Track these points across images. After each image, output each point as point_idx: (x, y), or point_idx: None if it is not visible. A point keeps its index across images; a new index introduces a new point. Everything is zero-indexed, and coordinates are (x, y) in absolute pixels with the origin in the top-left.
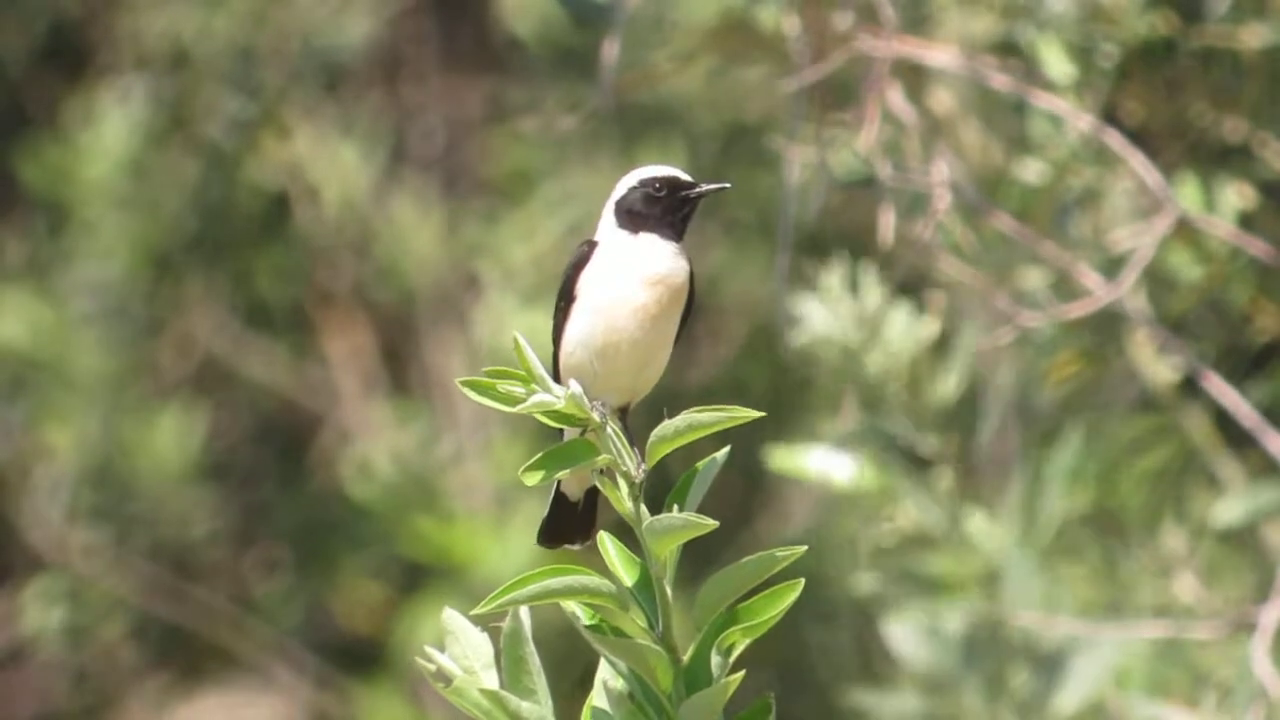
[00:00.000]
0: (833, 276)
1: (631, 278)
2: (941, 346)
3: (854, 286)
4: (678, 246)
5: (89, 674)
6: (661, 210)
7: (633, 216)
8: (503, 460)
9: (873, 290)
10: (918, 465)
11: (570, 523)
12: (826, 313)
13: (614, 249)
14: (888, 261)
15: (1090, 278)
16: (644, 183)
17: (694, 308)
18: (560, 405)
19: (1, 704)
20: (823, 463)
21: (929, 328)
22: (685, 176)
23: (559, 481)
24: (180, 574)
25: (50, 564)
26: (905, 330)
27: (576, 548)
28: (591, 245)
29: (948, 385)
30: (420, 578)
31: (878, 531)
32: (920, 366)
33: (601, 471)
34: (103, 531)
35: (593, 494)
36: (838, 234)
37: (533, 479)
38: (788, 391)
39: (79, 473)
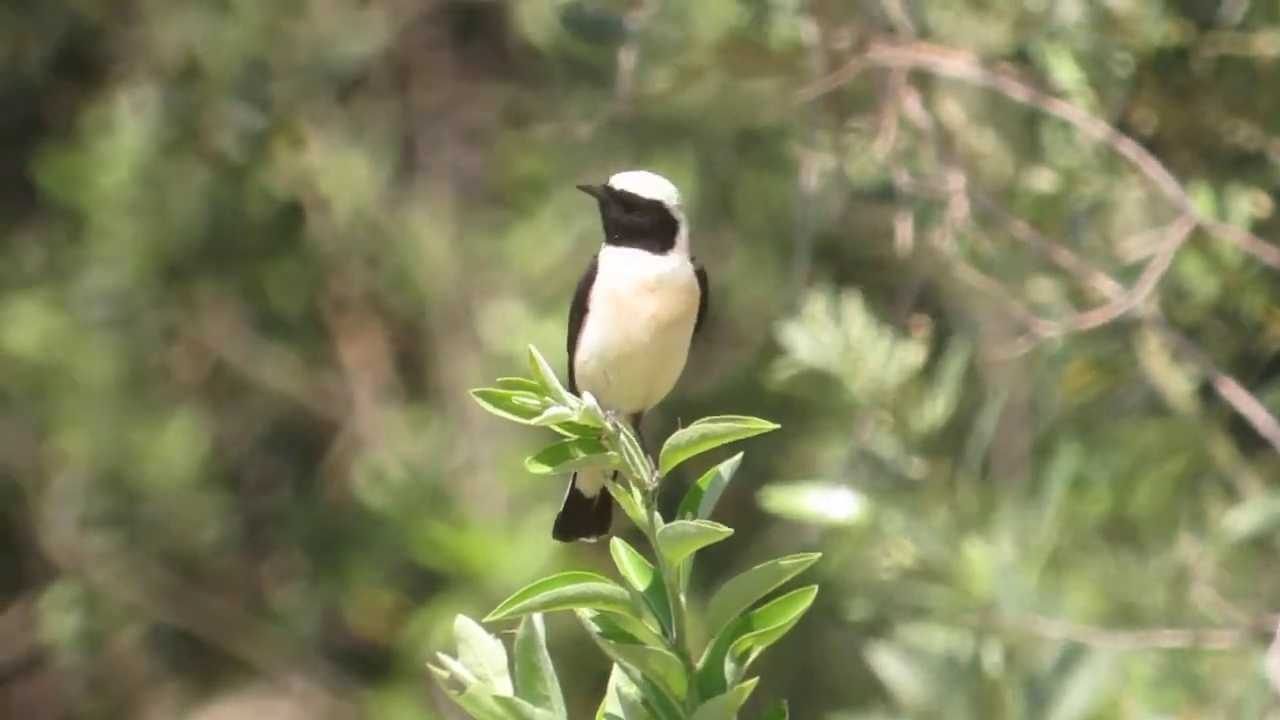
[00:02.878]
0: (816, 304)
1: (629, 288)
2: (931, 369)
3: (837, 314)
4: (664, 252)
5: (106, 681)
6: (607, 217)
7: (608, 226)
8: (515, 467)
9: (856, 317)
10: (912, 492)
11: (585, 518)
12: (811, 341)
13: (608, 260)
14: (904, 270)
15: (1105, 286)
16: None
17: (709, 312)
18: (575, 418)
19: (20, 711)
20: (819, 501)
21: (914, 353)
22: (615, 180)
23: (574, 478)
24: (195, 581)
25: (65, 571)
26: (889, 356)
27: (591, 541)
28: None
29: (935, 409)
30: (434, 585)
31: (877, 565)
32: (907, 391)
33: (614, 476)
34: (117, 539)
35: (608, 491)
36: (853, 243)
37: (538, 469)
38: (801, 401)
39: (92, 480)
